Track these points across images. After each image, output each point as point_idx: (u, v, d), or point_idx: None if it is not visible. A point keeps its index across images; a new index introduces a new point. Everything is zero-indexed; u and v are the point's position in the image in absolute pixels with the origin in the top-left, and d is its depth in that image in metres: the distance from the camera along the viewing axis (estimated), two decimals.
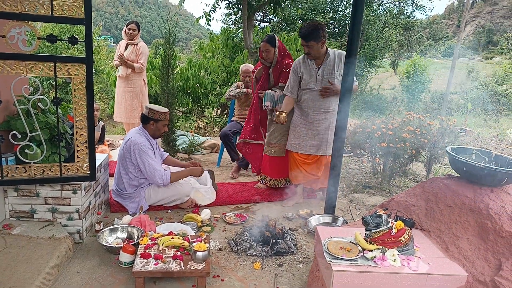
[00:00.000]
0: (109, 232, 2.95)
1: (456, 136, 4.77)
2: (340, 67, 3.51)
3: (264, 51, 4.03)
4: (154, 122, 3.47)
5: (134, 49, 5.53)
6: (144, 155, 3.37)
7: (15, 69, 2.42)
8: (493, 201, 2.17)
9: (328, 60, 3.58)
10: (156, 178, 3.41)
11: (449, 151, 2.46)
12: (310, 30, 3.42)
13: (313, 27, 3.43)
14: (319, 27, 3.43)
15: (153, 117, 3.45)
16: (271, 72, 4.09)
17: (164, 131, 3.58)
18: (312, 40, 3.44)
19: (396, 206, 2.63)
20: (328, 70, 3.59)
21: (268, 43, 4.00)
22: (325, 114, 3.69)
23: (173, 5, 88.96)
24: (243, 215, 3.57)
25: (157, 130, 3.51)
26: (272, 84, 4.14)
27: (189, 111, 9.06)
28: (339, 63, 3.55)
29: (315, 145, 3.74)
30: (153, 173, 3.39)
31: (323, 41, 3.48)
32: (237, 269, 2.73)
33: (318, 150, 3.75)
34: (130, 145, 3.38)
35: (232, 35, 9.73)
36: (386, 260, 2.02)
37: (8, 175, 2.62)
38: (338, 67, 3.56)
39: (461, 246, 2.17)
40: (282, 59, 4.04)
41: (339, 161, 3.26)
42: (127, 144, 3.41)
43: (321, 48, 3.51)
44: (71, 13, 2.44)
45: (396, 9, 21.08)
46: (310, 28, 3.43)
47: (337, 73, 3.57)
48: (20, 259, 2.41)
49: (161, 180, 3.43)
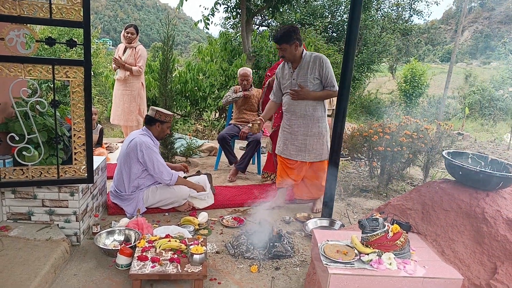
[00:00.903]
0: (106, 235, 2.95)
1: (453, 141, 4.79)
2: (315, 70, 3.48)
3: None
4: (160, 123, 3.51)
5: (132, 52, 5.55)
6: (152, 152, 3.42)
7: (13, 72, 2.43)
8: (489, 205, 2.19)
9: (302, 63, 3.54)
10: (164, 175, 3.46)
11: (446, 155, 2.48)
12: (282, 33, 3.41)
13: (285, 30, 3.41)
14: (292, 30, 3.42)
15: (160, 118, 3.50)
16: None
17: (167, 133, 3.66)
18: (284, 43, 3.42)
19: (392, 210, 2.64)
20: (302, 73, 3.54)
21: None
22: (302, 119, 3.61)
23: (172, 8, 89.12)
24: (241, 218, 3.57)
25: (162, 131, 3.57)
26: None
27: (187, 114, 9.07)
28: (313, 66, 3.49)
29: (295, 149, 3.69)
30: (161, 171, 3.45)
31: (296, 44, 3.43)
32: (234, 272, 2.73)
33: (297, 156, 3.68)
34: (136, 145, 3.40)
35: (231, 39, 9.76)
36: (382, 264, 2.03)
37: (5, 177, 2.62)
38: (312, 70, 3.50)
39: (457, 249, 2.18)
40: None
41: (336, 165, 3.28)
42: (132, 144, 3.42)
43: (295, 50, 3.47)
44: (70, 16, 2.45)
45: (394, 14, 21.23)
46: (282, 31, 3.43)
47: (310, 76, 3.50)
48: (17, 261, 2.41)
49: (168, 178, 3.48)
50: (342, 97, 3.15)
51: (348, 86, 3.12)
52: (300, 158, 3.68)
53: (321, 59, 3.48)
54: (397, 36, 21.59)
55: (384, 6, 20.61)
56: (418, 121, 4.73)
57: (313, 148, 3.63)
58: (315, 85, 3.51)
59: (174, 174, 3.54)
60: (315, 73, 3.48)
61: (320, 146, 3.65)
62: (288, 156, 3.73)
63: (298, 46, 3.47)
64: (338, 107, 3.20)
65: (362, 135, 4.65)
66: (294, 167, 3.74)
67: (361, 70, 17.08)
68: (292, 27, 3.45)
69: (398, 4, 21.51)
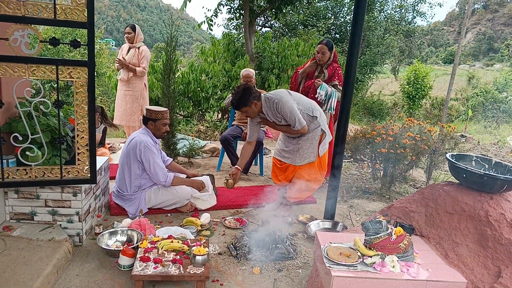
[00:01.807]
0: (109, 235, 2.95)
1: (456, 143, 4.78)
2: (278, 114, 3.54)
3: (320, 53, 4.26)
4: (152, 122, 3.51)
5: (135, 52, 5.56)
6: (150, 153, 3.41)
7: (17, 72, 2.43)
8: (493, 208, 2.18)
9: (265, 112, 3.60)
10: (159, 175, 3.46)
11: (449, 157, 2.47)
12: (238, 100, 3.46)
13: (240, 96, 3.44)
14: (245, 92, 3.45)
15: (151, 117, 3.49)
16: (325, 70, 4.33)
17: (165, 131, 3.59)
18: (244, 107, 3.50)
19: (396, 212, 2.64)
20: (271, 116, 3.61)
21: (326, 45, 4.25)
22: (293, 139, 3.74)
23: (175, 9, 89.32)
24: (243, 220, 3.57)
25: (156, 129, 3.54)
26: (326, 78, 4.34)
27: (189, 115, 9.07)
28: (275, 112, 3.55)
29: (286, 151, 3.77)
30: (156, 171, 3.44)
31: (254, 102, 3.49)
32: (236, 273, 2.73)
33: (288, 159, 3.75)
34: (136, 143, 3.41)
35: (234, 40, 9.77)
36: (385, 266, 2.02)
37: (8, 177, 2.63)
38: (275, 115, 3.57)
39: (461, 253, 2.17)
40: (333, 62, 4.35)
41: (338, 168, 3.27)
42: (132, 142, 3.44)
43: (255, 108, 3.53)
44: (74, 17, 2.46)
45: (397, 16, 21.19)
46: (237, 97, 3.46)
47: (278, 119, 3.59)
48: (20, 261, 2.41)
49: (163, 179, 3.48)
50: (346, 99, 3.14)
51: (351, 87, 3.11)
52: (290, 162, 3.74)
53: (275, 105, 3.52)
54: (400, 38, 21.59)
55: (387, 8, 20.58)
56: (421, 123, 4.72)
57: (304, 153, 3.67)
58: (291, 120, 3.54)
59: (170, 175, 3.53)
60: (278, 114, 3.55)
61: (312, 150, 3.68)
62: (277, 157, 3.86)
63: (257, 102, 3.52)
64: (341, 109, 3.19)
65: (365, 136, 4.64)
66: (282, 167, 3.83)
67: (364, 71, 17.07)
68: (244, 90, 3.46)
69: (401, 6, 21.49)
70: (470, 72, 28.88)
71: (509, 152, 8.59)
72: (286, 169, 3.79)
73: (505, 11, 60.67)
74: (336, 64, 4.40)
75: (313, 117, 3.63)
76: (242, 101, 3.46)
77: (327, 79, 4.35)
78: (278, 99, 3.50)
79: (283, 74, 8.82)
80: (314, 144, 3.67)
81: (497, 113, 15.56)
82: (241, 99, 3.46)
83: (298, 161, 3.68)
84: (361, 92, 17.57)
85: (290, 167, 3.75)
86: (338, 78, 4.33)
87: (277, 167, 3.86)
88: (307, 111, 3.61)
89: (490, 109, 16.13)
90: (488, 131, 12.41)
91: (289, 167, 3.76)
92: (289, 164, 3.75)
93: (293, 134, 3.65)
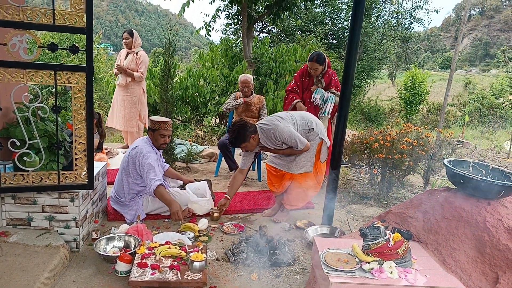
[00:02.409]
0: (106, 241, 2.94)
1: (454, 148, 4.79)
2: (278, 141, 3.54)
3: (313, 69, 4.34)
4: (151, 132, 3.49)
5: (134, 58, 5.57)
6: (148, 158, 3.35)
7: (15, 77, 2.43)
8: (490, 214, 2.18)
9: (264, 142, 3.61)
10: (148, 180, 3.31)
11: (447, 163, 2.48)
12: (235, 137, 3.47)
13: (237, 133, 3.47)
14: (241, 130, 3.46)
15: (151, 126, 3.48)
16: (322, 79, 4.40)
17: (163, 142, 3.50)
18: (243, 142, 3.51)
19: (393, 218, 2.64)
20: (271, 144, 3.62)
21: (317, 62, 4.30)
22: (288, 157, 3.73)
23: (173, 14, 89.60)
24: (241, 225, 3.56)
25: (154, 140, 3.51)
26: (324, 87, 4.45)
27: (187, 120, 9.08)
28: (275, 141, 3.56)
29: (281, 159, 3.75)
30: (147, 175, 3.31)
31: (252, 137, 3.50)
32: (234, 279, 2.72)
33: (283, 167, 3.72)
34: (136, 154, 3.40)
35: (232, 45, 9.80)
36: (383, 272, 2.02)
37: (5, 182, 2.62)
38: (274, 143, 3.58)
39: (459, 258, 2.17)
40: (328, 68, 4.45)
41: (336, 174, 3.27)
42: (133, 152, 3.42)
43: (254, 141, 3.54)
44: (73, 22, 2.46)
45: (394, 22, 21.31)
46: (234, 136, 3.48)
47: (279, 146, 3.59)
48: (16, 267, 2.40)
49: (148, 186, 3.30)
50: (343, 104, 3.15)
51: (349, 93, 3.12)
52: (287, 169, 3.70)
53: (273, 134, 3.52)
54: (397, 43, 21.70)
55: (384, 14, 20.71)
56: (419, 129, 4.73)
57: (301, 161, 3.65)
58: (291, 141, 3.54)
59: (154, 183, 3.26)
60: (279, 142, 3.55)
61: (309, 159, 3.67)
62: (272, 164, 3.80)
63: (254, 135, 3.53)
64: (339, 114, 3.20)
65: (363, 142, 4.65)
66: (277, 174, 3.77)
67: (361, 77, 17.13)
68: (240, 127, 3.47)
69: (399, 12, 21.63)
70: (467, 77, 29.03)
71: (505, 157, 8.62)
72: (282, 177, 3.75)
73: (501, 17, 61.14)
74: (331, 70, 4.44)
75: (310, 130, 3.64)
76: (239, 138, 3.47)
77: (324, 88, 4.41)
78: (273, 128, 3.50)
79: (281, 79, 8.84)
80: (311, 153, 3.66)
81: (494, 118, 15.63)
82: (238, 136, 3.47)
83: (295, 169, 3.65)
84: (358, 97, 17.61)
85: (286, 174, 3.72)
86: (335, 84, 4.37)
87: (273, 174, 3.82)
88: (303, 127, 3.62)
89: (486, 115, 16.21)
90: (484, 137, 12.46)
91: (286, 174, 3.72)
92: (285, 172, 3.72)
93: (298, 153, 3.63)
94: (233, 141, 3.53)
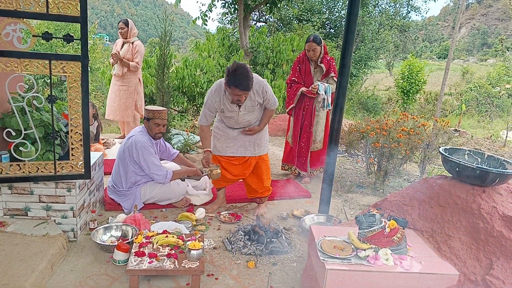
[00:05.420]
0: (104, 231, 2.95)
1: (450, 137, 4.81)
2: (259, 98, 3.30)
3: (311, 50, 4.31)
4: (146, 120, 3.48)
5: (129, 47, 5.53)
6: (147, 153, 3.38)
7: (9, 67, 2.41)
8: (485, 201, 2.20)
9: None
10: (158, 176, 3.44)
11: (442, 151, 2.49)
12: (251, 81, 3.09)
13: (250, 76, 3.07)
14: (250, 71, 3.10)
15: (146, 115, 3.48)
16: (321, 64, 4.39)
17: (158, 131, 3.47)
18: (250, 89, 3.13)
19: (389, 206, 2.65)
20: (248, 107, 3.33)
21: (314, 42, 4.28)
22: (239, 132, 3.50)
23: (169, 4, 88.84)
24: (238, 214, 3.58)
25: (149, 129, 3.49)
26: (324, 72, 4.41)
27: (184, 110, 9.05)
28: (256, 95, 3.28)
29: (240, 145, 3.50)
30: (154, 171, 3.42)
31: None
32: (231, 267, 2.74)
33: (246, 152, 3.50)
34: (132, 144, 3.39)
35: (228, 34, 9.74)
36: (379, 259, 2.04)
37: (2, 172, 2.61)
38: (254, 102, 3.30)
39: (453, 245, 2.20)
40: (325, 54, 4.42)
41: (332, 162, 3.28)
42: (129, 142, 3.42)
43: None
44: (67, 11, 2.44)
45: (392, 10, 21.17)
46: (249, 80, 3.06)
47: (256, 107, 3.35)
48: (14, 256, 2.41)
49: (162, 179, 3.46)
50: (340, 94, 3.14)
51: (345, 82, 3.12)
52: (250, 154, 3.51)
53: (263, 87, 3.28)
54: (394, 33, 21.58)
55: (381, 3, 20.52)
56: (415, 118, 4.74)
57: (261, 141, 3.52)
58: (259, 110, 3.43)
59: (168, 173, 3.47)
60: (258, 100, 3.32)
61: (266, 139, 3.58)
62: (234, 153, 3.52)
63: None
64: (335, 104, 3.20)
65: (359, 131, 4.66)
66: (239, 163, 3.56)
67: (358, 66, 17.06)
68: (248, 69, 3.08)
69: (396, 1, 21.46)
70: (464, 67, 28.97)
71: (501, 146, 8.65)
72: (245, 163, 3.55)
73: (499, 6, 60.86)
74: (328, 55, 4.45)
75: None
76: (251, 81, 3.09)
77: (325, 72, 4.40)
78: (264, 82, 3.30)
79: (278, 69, 8.81)
80: (265, 133, 3.57)
81: (490, 107, 15.64)
82: (251, 79, 3.09)
83: (258, 151, 3.51)
84: (355, 87, 17.56)
85: (251, 159, 3.54)
86: (334, 70, 4.38)
87: (234, 164, 3.54)
88: None
89: (483, 104, 16.21)
90: (481, 126, 12.48)
91: (250, 159, 3.54)
92: (249, 156, 3.53)
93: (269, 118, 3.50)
94: (252, 85, 3.10)
